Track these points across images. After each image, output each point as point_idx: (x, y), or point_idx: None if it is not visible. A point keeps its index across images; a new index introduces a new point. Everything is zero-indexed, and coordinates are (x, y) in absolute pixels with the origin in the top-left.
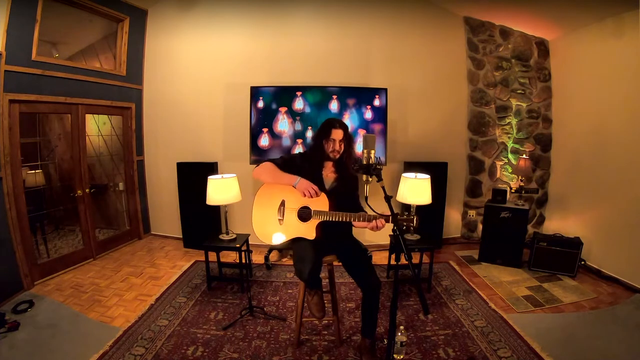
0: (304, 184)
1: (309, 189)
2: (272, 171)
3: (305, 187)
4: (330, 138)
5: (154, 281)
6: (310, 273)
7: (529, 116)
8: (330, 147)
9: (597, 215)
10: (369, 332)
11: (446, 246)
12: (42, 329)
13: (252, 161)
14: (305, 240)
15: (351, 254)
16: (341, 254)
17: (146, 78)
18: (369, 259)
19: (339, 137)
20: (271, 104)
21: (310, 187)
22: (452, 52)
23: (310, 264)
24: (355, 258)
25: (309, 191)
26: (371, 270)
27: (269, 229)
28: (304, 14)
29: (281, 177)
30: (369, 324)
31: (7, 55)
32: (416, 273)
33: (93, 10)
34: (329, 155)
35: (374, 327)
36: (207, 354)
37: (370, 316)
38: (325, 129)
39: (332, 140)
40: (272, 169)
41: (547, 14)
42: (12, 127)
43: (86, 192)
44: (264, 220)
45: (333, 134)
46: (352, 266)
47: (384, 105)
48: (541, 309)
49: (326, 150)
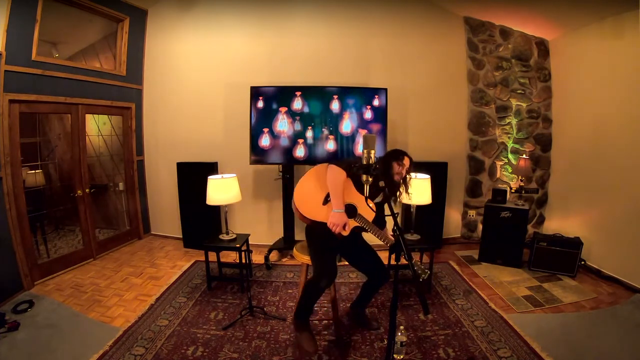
0: (341, 219)
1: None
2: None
3: (337, 221)
4: (402, 162)
5: (154, 281)
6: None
7: (529, 116)
8: (397, 169)
9: (597, 215)
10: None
11: (446, 246)
12: (42, 329)
13: (252, 161)
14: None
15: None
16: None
17: (146, 78)
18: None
19: (408, 164)
20: (271, 104)
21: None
22: (452, 52)
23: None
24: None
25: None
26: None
27: (311, 202)
28: (304, 14)
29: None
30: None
31: (7, 55)
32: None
33: (93, 10)
34: (394, 176)
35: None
36: (207, 354)
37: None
38: (397, 154)
39: (403, 165)
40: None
41: (547, 14)
42: (12, 127)
43: (86, 192)
44: (310, 192)
45: (405, 160)
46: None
47: (383, 105)
48: (541, 309)
49: (392, 171)
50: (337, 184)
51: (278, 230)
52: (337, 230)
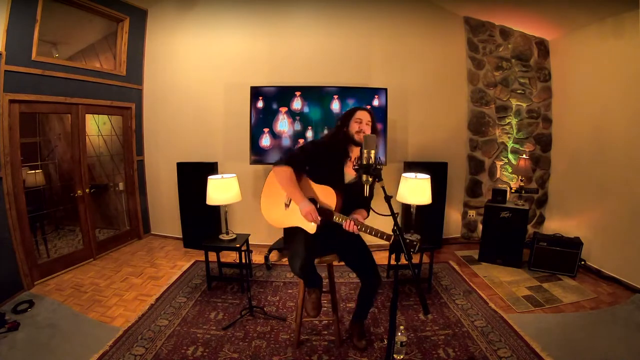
0: (307, 208)
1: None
2: (287, 181)
3: (307, 212)
4: (355, 117)
5: (154, 281)
6: (301, 268)
7: (529, 116)
8: (356, 127)
9: (597, 215)
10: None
11: (446, 246)
12: (42, 329)
13: (252, 161)
14: (300, 235)
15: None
16: (341, 251)
17: (146, 78)
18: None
19: (366, 118)
20: (271, 104)
21: (311, 214)
22: (452, 52)
23: (300, 260)
24: (355, 252)
25: (311, 216)
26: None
27: (276, 212)
28: (304, 14)
29: (292, 192)
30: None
31: (7, 55)
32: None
33: (93, 10)
34: (354, 137)
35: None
36: (207, 354)
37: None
38: (350, 112)
39: (359, 120)
40: (289, 178)
41: (547, 14)
42: (12, 127)
43: (86, 192)
44: (271, 202)
45: (359, 114)
46: (353, 260)
47: (383, 105)
48: (541, 309)
49: (351, 131)
50: (287, 182)
51: (278, 230)
52: (314, 216)
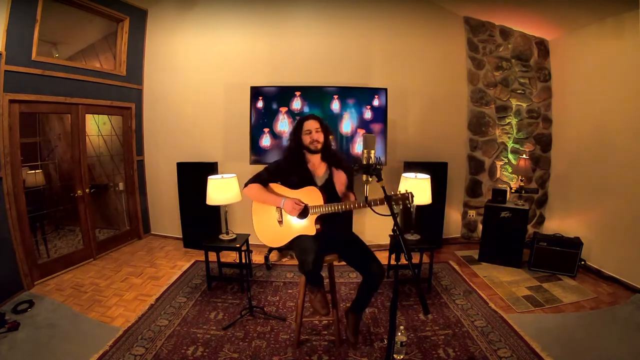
0: (289, 203)
1: (295, 206)
2: (259, 193)
3: (291, 206)
4: (305, 130)
5: (154, 281)
6: (313, 262)
7: (529, 116)
8: (308, 139)
9: (597, 215)
10: (358, 310)
11: (446, 246)
12: (42, 329)
13: (252, 161)
14: (305, 235)
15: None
16: (342, 249)
17: (146, 78)
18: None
19: (314, 126)
20: (271, 104)
21: (294, 205)
22: (452, 52)
23: (313, 253)
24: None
25: (296, 208)
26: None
27: (272, 232)
28: (304, 14)
29: (267, 199)
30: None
31: (7, 55)
32: (416, 273)
33: (93, 10)
34: (310, 147)
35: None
36: (207, 354)
37: (365, 297)
38: (298, 125)
39: (308, 132)
40: (258, 191)
41: (547, 14)
42: (12, 127)
43: (86, 192)
44: (264, 224)
45: (307, 125)
46: (354, 257)
47: (383, 105)
48: (541, 309)
49: (305, 144)
50: (259, 194)
51: None
52: (299, 205)
